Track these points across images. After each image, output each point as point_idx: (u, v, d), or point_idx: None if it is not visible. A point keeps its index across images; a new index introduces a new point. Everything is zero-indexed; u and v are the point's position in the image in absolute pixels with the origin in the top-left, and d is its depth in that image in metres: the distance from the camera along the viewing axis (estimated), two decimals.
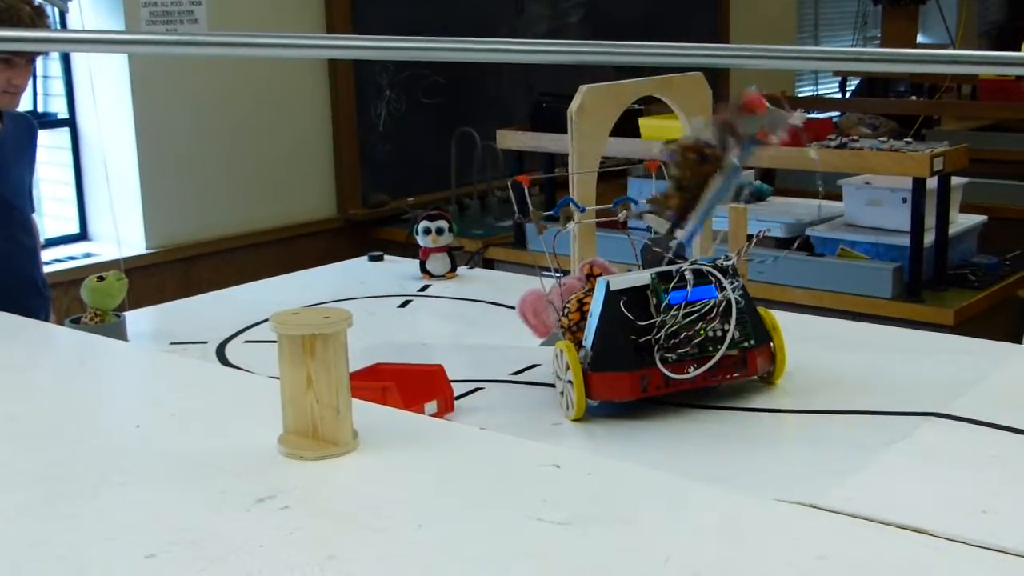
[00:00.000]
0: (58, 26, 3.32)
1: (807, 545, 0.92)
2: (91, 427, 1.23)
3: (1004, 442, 1.32)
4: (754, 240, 1.59)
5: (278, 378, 1.11)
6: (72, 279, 3.32)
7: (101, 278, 1.88)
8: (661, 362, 1.44)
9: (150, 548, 0.91)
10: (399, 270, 2.42)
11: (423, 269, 2.33)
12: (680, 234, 1.53)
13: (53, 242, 3.82)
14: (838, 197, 3.44)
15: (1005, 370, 1.61)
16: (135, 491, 1.04)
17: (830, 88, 7.31)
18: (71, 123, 3.83)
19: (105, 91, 3.70)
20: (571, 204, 1.64)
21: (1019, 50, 2.25)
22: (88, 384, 1.42)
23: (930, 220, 3.09)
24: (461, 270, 2.37)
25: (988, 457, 1.29)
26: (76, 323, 1.88)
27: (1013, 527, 1.09)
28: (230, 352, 1.87)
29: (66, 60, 3.81)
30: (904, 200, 3.13)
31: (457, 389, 1.58)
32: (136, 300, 2.32)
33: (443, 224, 2.30)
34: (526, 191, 1.61)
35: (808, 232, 3.32)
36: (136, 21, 3.62)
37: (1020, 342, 2.47)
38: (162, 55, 3.60)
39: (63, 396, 1.34)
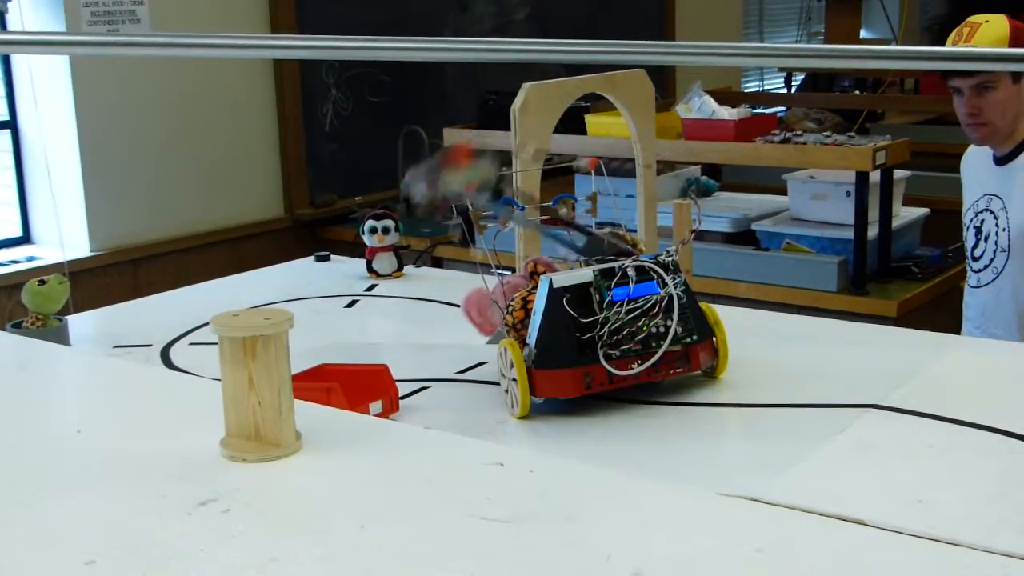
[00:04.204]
0: None
1: (747, 538, 0.93)
2: (30, 433, 1.22)
3: (940, 432, 1.35)
4: (691, 236, 1.60)
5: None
6: (15, 283, 3.28)
7: (42, 282, 1.86)
8: (605, 359, 1.45)
9: (90, 554, 0.91)
10: (346, 270, 2.41)
11: (370, 268, 2.32)
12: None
13: None
14: (783, 191, 3.47)
15: (943, 361, 1.64)
16: (75, 497, 1.03)
17: (775, 83, 7.38)
18: (12, 125, 3.78)
19: (46, 92, 3.66)
20: (510, 203, 1.65)
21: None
22: (28, 389, 1.40)
23: (874, 213, 3.13)
24: (408, 269, 2.37)
25: (925, 447, 1.31)
26: (17, 328, 1.86)
27: (948, 516, 1.11)
28: (175, 355, 1.85)
29: (6, 61, 3.75)
30: (848, 194, 3.16)
31: (403, 389, 1.58)
32: (83, 303, 2.29)
33: (389, 223, 2.30)
34: None
35: (753, 226, 3.35)
36: (77, 21, 3.58)
37: (960, 333, 2.52)
38: (104, 56, 3.56)
39: (1, 402, 1.33)
